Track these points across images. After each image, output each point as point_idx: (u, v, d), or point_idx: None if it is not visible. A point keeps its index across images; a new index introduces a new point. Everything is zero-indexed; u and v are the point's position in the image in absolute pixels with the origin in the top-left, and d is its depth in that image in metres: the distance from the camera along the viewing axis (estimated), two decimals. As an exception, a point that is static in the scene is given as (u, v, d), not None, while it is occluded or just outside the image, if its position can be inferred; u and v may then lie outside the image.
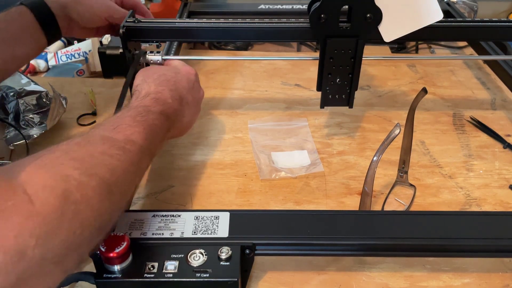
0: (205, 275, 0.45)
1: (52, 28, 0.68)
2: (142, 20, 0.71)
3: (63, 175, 0.37)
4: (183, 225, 0.51)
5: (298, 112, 0.86)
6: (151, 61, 0.71)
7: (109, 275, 0.45)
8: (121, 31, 0.67)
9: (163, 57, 0.71)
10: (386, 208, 0.64)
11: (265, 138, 0.78)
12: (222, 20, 0.71)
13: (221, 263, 0.46)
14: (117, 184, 0.42)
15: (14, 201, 0.33)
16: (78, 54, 1.03)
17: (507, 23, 0.71)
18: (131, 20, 0.70)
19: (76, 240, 0.36)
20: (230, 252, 0.47)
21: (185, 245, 0.48)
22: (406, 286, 0.54)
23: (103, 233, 0.43)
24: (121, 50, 0.69)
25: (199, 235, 0.49)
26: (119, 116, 0.51)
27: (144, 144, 0.48)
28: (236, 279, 0.45)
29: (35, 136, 0.74)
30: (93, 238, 0.40)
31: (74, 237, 0.36)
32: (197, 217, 0.52)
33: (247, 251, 0.49)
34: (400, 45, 1.11)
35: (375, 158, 0.55)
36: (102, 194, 0.40)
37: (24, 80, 0.82)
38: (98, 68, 0.99)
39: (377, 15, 0.63)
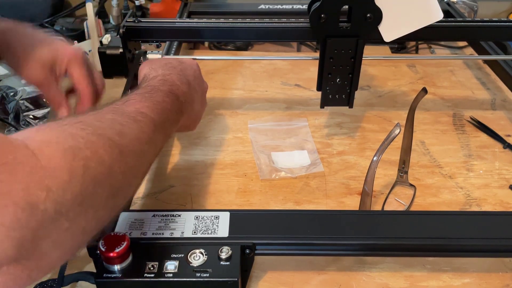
0: (205, 275, 0.45)
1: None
2: (142, 20, 0.71)
3: (69, 133, 0.36)
4: (183, 225, 0.51)
5: (298, 112, 0.86)
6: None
7: (109, 275, 0.45)
8: (121, 31, 0.67)
9: (163, 57, 0.71)
10: (386, 208, 0.64)
11: (265, 138, 0.78)
12: (222, 20, 0.71)
13: (221, 263, 0.46)
14: (128, 147, 0.41)
15: (16, 155, 0.31)
16: (78, 54, 1.03)
17: (507, 23, 0.71)
18: (131, 20, 0.70)
19: (89, 197, 0.35)
20: (230, 252, 0.47)
21: (185, 245, 0.48)
22: (406, 286, 0.54)
23: (117, 197, 0.40)
24: (121, 50, 0.69)
25: (199, 235, 0.49)
26: (127, 95, 0.50)
27: (155, 117, 0.47)
28: (236, 279, 0.45)
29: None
30: (108, 199, 0.38)
31: (87, 193, 0.35)
32: (197, 217, 0.52)
33: (247, 251, 0.49)
34: (400, 45, 1.11)
35: (375, 158, 0.55)
36: (114, 153, 0.38)
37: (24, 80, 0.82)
38: (98, 68, 0.98)
39: (377, 15, 0.63)
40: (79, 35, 1.10)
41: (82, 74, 0.61)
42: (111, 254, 0.44)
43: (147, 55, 0.71)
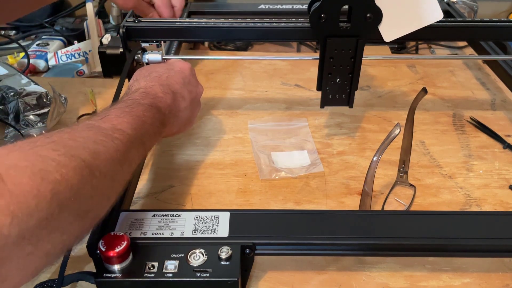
0: (205, 275, 0.45)
1: None
2: (142, 20, 0.71)
3: (39, 155, 0.36)
4: (183, 225, 0.51)
5: (298, 112, 0.86)
6: (149, 60, 0.71)
7: (109, 275, 0.45)
8: (121, 30, 0.67)
9: (163, 57, 0.71)
10: (386, 208, 0.64)
11: (265, 138, 0.78)
12: (222, 20, 0.71)
13: (221, 262, 0.46)
14: (100, 168, 0.40)
15: None
16: (78, 54, 1.03)
17: (507, 23, 0.71)
18: (131, 20, 0.70)
19: (55, 221, 0.35)
20: (230, 252, 0.47)
21: (185, 245, 0.48)
22: (406, 286, 0.54)
23: (85, 220, 0.40)
24: (121, 50, 0.69)
25: (199, 235, 0.49)
26: (106, 109, 0.50)
27: (133, 134, 0.47)
28: (236, 279, 0.45)
29: (35, 136, 0.74)
30: (75, 222, 0.38)
31: (52, 218, 0.34)
32: (197, 217, 0.52)
33: (247, 251, 0.49)
34: (400, 45, 1.11)
35: (375, 158, 0.55)
36: (84, 175, 0.38)
37: (24, 80, 0.82)
38: (98, 68, 0.99)
39: (377, 15, 0.63)
40: (79, 35, 1.10)
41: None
42: (111, 254, 0.44)
43: (146, 55, 0.71)
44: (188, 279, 0.45)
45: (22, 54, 1.02)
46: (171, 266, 0.46)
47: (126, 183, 0.47)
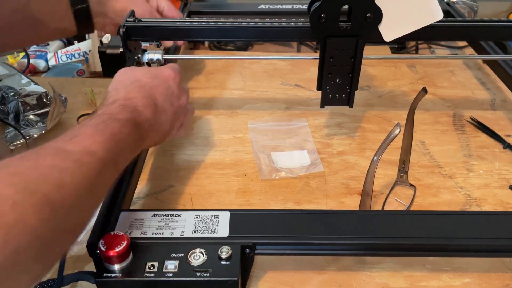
0: (205, 275, 0.45)
1: (83, 18, 0.70)
2: (142, 20, 0.71)
3: None
4: (183, 225, 0.51)
5: (298, 112, 0.86)
6: (150, 60, 0.71)
7: (109, 275, 0.45)
8: (121, 30, 0.67)
9: (163, 57, 0.71)
10: (386, 208, 0.64)
11: (265, 138, 0.78)
12: (222, 20, 0.71)
13: (221, 262, 0.46)
14: (64, 202, 0.37)
15: None
16: (78, 54, 1.03)
17: (507, 23, 0.71)
18: (131, 20, 0.70)
19: (10, 266, 0.32)
20: (230, 252, 0.47)
21: (185, 245, 0.48)
22: (406, 286, 0.53)
23: (47, 260, 0.37)
24: (121, 50, 0.69)
25: (199, 235, 0.49)
26: (79, 126, 0.45)
27: (106, 155, 0.43)
28: (236, 279, 0.45)
29: (35, 136, 0.74)
30: (34, 265, 0.35)
31: (7, 264, 0.32)
32: (197, 217, 0.52)
33: (247, 251, 0.49)
34: (400, 45, 1.11)
35: (375, 158, 0.55)
36: (45, 213, 0.34)
37: (24, 80, 0.82)
38: (98, 68, 0.99)
39: (377, 15, 0.63)
40: (79, 35, 1.10)
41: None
42: (111, 254, 0.44)
43: (146, 55, 0.71)
44: (188, 279, 0.45)
45: (22, 54, 1.02)
46: (171, 266, 0.46)
47: (95, 210, 0.44)
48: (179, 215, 0.52)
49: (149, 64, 0.72)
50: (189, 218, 0.51)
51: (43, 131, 0.75)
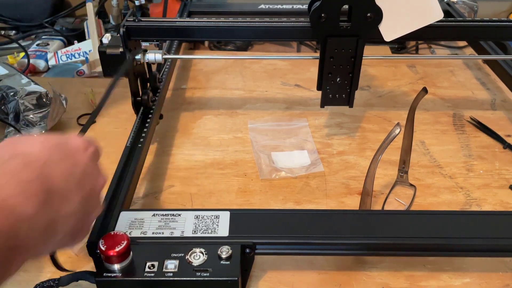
0: (205, 274, 0.45)
1: None
2: (142, 19, 0.71)
3: None
4: (183, 224, 0.50)
5: (298, 112, 0.86)
6: (149, 60, 0.71)
7: (109, 274, 0.45)
8: (121, 30, 0.67)
9: (164, 57, 0.71)
10: (386, 208, 0.64)
11: (265, 138, 0.78)
12: (222, 20, 0.71)
13: (221, 262, 0.46)
14: None
15: None
16: (78, 54, 1.03)
17: (507, 23, 0.71)
18: (132, 19, 0.70)
19: None
20: (230, 251, 0.47)
21: (185, 244, 0.48)
22: (406, 286, 0.53)
23: None
24: (121, 50, 0.69)
25: (199, 234, 0.49)
26: None
27: None
28: (236, 278, 0.45)
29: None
30: None
31: None
32: (197, 216, 0.52)
33: (247, 250, 0.49)
34: (400, 45, 1.11)
35: (375, 158, 0.55)
36: None
37: (24, 80, 0.82)
38: (98, 68, 0.99)
39: (378, 15, 0.63)
40: (79, 35, 1.10)
41: None
42: (111, 253, 0.44)
43: (146, 54, 0.71)
44: (188, 278, 0.45)
45: (22, 54, 1.02)
46: (171, 265, 0.46)
47: None
48: (179, 215, 0.52)
49: (148, 64, 0.72)
50: (189, 218, 0.51)
51: (43, 131, 0.75)
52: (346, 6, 0.63)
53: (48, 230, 0.35)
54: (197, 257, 0.47)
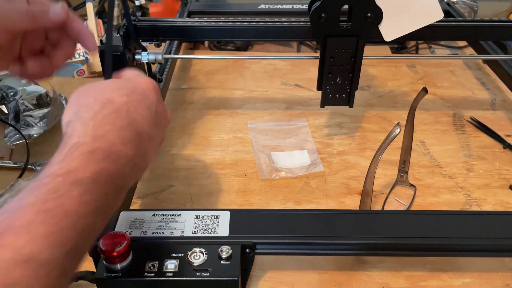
0: (205, 274, 0.45)
1: None
2: (142, 19, 0.71)
3: None
4: (183, 224, 0.51)
5: (298, 112, 0.86)
6: (149, 60, 0.71)
7: (109, 274, 0.45)
8: (121, 30, 0.67)
9: (164, 56, 0.71)
10: (386, 208, 0.64)
11: (265, 138, 0.78)
12: (222, 20, 0.71)
13: (222, 262, 0.46)
14: None
15: None
16: (78, 54, 1.03)
17: (507, 23, 0.71)
18: (132, 19, 0.70)
19: None
20: (230, 251, 0.47)
21: (186, 244, 0.48)
22: (407, 286, 0.53)
23: None
24: (121, 50, 0.69)
25: (199, 234, 0.49)
26: (13, 205, 0.30)
27: (52, 256, 0.29)
28: (237, 278, 0.45)
29: (35, 136, 0.74)
30: None
31: None
32: (197, 216, 0.52)
33: (248, 250, 0.49)
34: (400, 45, 1.11)
35: (375, 158, 0.55)
36: None
37: (24, 80, 0.82)
38: (98, 68, 0.99)
39: (378, 15, 0.63)
40: None
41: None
42: (111, 253, 0.44)
43: (146, 55, 0.70)
44: (188, 278, 0.45)
45: (22, 54, 1.02)
46: (171, 265, 0.46)
47: None
48: (179, 215, 0.52)
49: (148, 64, 0.72)
50: (189, 218, 0.51)
51: (43, 131, 0.75)
52: (346, 6, 0.63)
53: (141, 168, 0.40)
54: (197, 257, 0.47)
